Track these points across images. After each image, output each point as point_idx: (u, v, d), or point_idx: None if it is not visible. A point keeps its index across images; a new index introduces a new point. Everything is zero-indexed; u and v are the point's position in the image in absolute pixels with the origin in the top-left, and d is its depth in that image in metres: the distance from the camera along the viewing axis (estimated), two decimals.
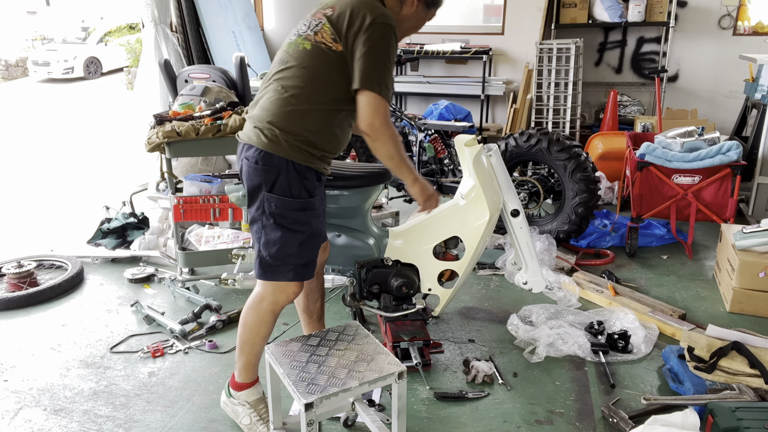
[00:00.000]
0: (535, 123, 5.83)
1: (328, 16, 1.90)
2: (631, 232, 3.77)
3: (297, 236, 1.94)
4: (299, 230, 1.94)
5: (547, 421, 2.26)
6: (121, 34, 15.47)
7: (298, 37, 1.95)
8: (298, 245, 1.95)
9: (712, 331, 2.54)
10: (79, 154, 6.98)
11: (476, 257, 2.54)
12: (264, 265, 1.98)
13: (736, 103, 5.45)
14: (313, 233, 1.99)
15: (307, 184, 1.93)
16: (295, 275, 1.98)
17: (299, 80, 1.90)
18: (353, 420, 2.22)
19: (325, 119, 1.93)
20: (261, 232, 1.96)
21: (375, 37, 1.84)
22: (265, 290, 2.03)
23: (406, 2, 2.03)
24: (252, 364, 2.14)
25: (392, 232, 2.60)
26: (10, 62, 15.94)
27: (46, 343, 2.83)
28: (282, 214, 1.92)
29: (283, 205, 1.91)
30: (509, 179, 2.55)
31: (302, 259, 1.97)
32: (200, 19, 5.70)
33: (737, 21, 5.72)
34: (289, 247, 1.94)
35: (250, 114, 2.00)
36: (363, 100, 1.88)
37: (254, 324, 2.05)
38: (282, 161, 1.89)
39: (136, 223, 3.84)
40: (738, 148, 3.47)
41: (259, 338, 2.08)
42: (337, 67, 1.89)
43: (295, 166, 1.90)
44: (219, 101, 3.42)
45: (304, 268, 1.99)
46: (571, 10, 5.84)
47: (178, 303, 3.22)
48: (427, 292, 2.59)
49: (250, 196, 1.96)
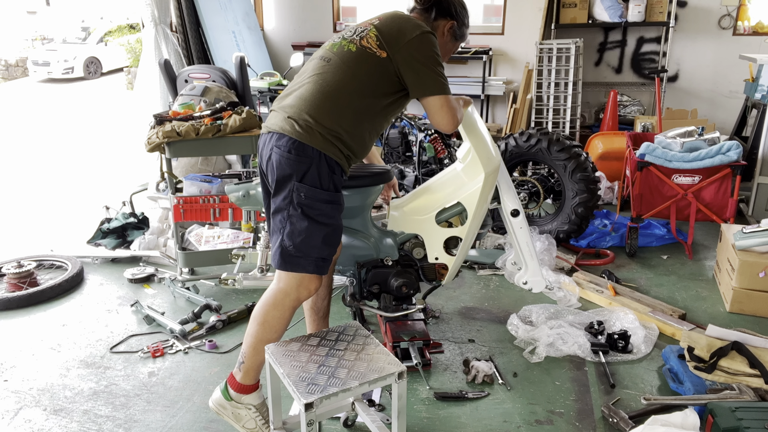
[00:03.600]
0: (535, 123, 5.83)
1: (375, 25, 2.02)
2: (631, 232, 3.77)
3: (322, 229, 1.96)
4: (325, 223, 1.97)
5: (547, 421, 2.26)
6: (121, 34, 15.47)
7: (343, 40, 2.03)
8: (322, 238, 1.97)
9: (712, 331, 2.54)
10: (79, 154, 6.98)
11: (478, 221, 2.48)
12: (285, 255, 1.97)
13: (736, 103, 5.45)
14: (337, 228, 2.03)
15: (335, 178, 1.98)
16: (316, 268, 1.99)
17: (341, 79, 1.97)
18: (353, 420, 2.22)
19: (359, 120, 1.99)
20: (286, 222, 1.96)
21: (427, 44, 1.98)
22: (288, 286, 2.01)
23: (438, 32, 2.17)
24: (256, 365, 2.08)
25: (392, 204, 2.58)
26: (10, 62, 15.92)
27: (46, 343, 2.83)
28: (310, 205, 1.94)
29: (313, 196, 1.93)
30: (509, 179, 2.55)
31: (324, 252, 1.99)
32: (200, 19, 5.71)
33: (737, 21, 5.72)
34: (314, 238, 1.96)
35: (280, 105, 2.04)
36: (436, 104, 2.00)
37: (276, 321, 2.02)
38: (315, 152, 1.92)
39: (136, 223, 3.84)
40: (738, 148, 3.47)
41: (270, 335, 2.04)
42: (378, 72, 1.98)
43: (327, 158, 1.94)
44: (219, 101, 3.43)
45: (324, 261, 2.01)
46: (571, 10, 5.84)
47: (178, 303, 3.22)
48: (434, 261, 2.54)
49: (278, 185, 1.97)
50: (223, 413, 2.11)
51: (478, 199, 2.38)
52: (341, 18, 7.15)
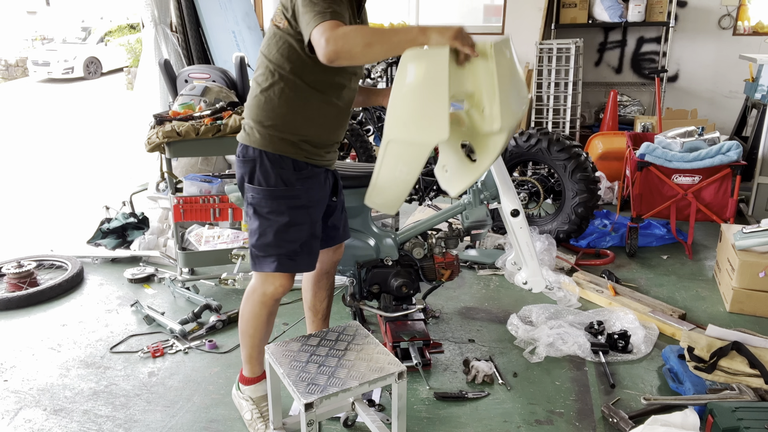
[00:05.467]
0: (535, 123, 5.83)
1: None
2: (631, 232, 3.77)
3: (273, 225, 1.96)
4: (274, 219, 1.96)
5: (547, 421, 2.26)
6: (121, 34, 15.48)
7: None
8: (273, 234, 1.96)
9: (712, 331, 2.54)
10: (79, 154, 6.98)
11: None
12: (251, 256, 2.04)
13: (736, 103, 5.44)
14: (290, 223, 1.96)
15: (283, 173, 1.94)
16: (279, 266, 1.98)
17: (258, 68, 1.94)
18: (353, 420, 2.22)
19: (285, 102, 1.88)
20: (248, 223, 2.04)
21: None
22: (255, 282, 2.08)
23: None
24: (253, 357, 2.15)
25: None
26: (10, 62, 15.93)
27: (46, 343, 2.83)
28: (259, 203, 1.96)
29: (259, 195, 1.95)
30: (509, 179, 2.55)
31: (282, 249, 1.97)
32: (200, 19, 5.70)
33: (737, 21, 5.72)
34: (266, 236, 1.97)
35: None
36: (314, 41, 1.66)
37: (248, 315, 2.10)
38: (255, 152, 1.94)
39: (136, 223, 3.84)
40: (738, 148, 3.48)
41: (255, 330, 2.10)
42: (279, 45, 1.84)
43: (268, 156, 1.93)
44: (219, 101, 3.42)
45: (289, 260, 1.99)
46: (571, 10, 5.84)
47: (178, 303, 3.22)
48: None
49: (240, 190, 2.05)
50: (234, 401, 2.27)
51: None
52: None
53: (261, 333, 2.11)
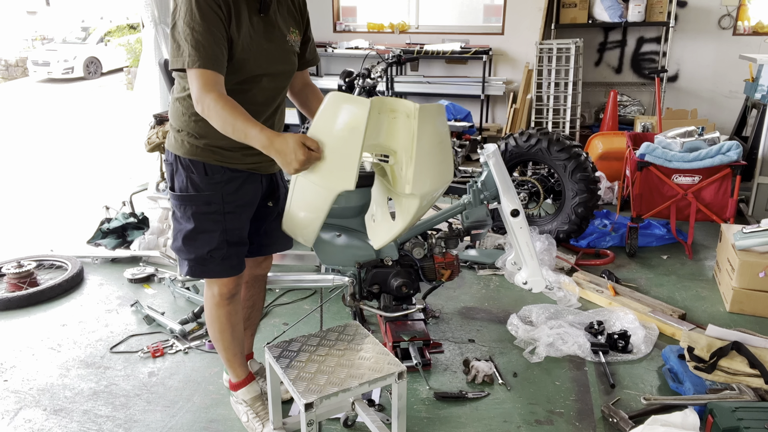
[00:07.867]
0: (535, 123, 5.83)
1: None
2: (631, 232, 3.77)
3: (182, 231, 1.96)
4: (184, 225, 1.96)
5: (547, 421, 2.26)
6: (121, 34, 15.47)
7: None
8: (182, 240, 1.96)
9: (712, 331, 2.54)
10: (79, 154, 6.98)
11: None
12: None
13: (736, 103, 5.45)
14: (197, 230, 1.92)
15: (193, 178, 1.90)
16: (189, 271, 1.99)
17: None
18: (353, 420, 2.22)
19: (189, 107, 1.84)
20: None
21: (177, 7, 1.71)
22: (205, 284, 2.09)
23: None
24: (231, 361, 2.14)
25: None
26: (10, 62, 15.92)
27: (46, 343, 2.83)
28: (174, 207, 1.98)
29: (173, 200, 1.96)
30: (509, 179, 2.55)
31: (191, 254, 1.96)
32: None
33: (737, 21, 5.73)
34: (177, 241, 1.98)
35: None
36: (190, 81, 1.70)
37: (209, 320, 2.10)
38: (171, 156, 1.95)
39: (136, 223, 3.84)
40: (738, 148, 3.47)
41: (220, 333, 2.08)
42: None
43: (180, 161, 1.92)
44: None
45: (199, 265, 1.97)
46: (571, 10, 5.84)
47: (178, 303, 3.22)
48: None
49: None
50: (232, 405, 2.28)
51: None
52: (341, 18, 7.15)
53: (227, 335, 2.08)
